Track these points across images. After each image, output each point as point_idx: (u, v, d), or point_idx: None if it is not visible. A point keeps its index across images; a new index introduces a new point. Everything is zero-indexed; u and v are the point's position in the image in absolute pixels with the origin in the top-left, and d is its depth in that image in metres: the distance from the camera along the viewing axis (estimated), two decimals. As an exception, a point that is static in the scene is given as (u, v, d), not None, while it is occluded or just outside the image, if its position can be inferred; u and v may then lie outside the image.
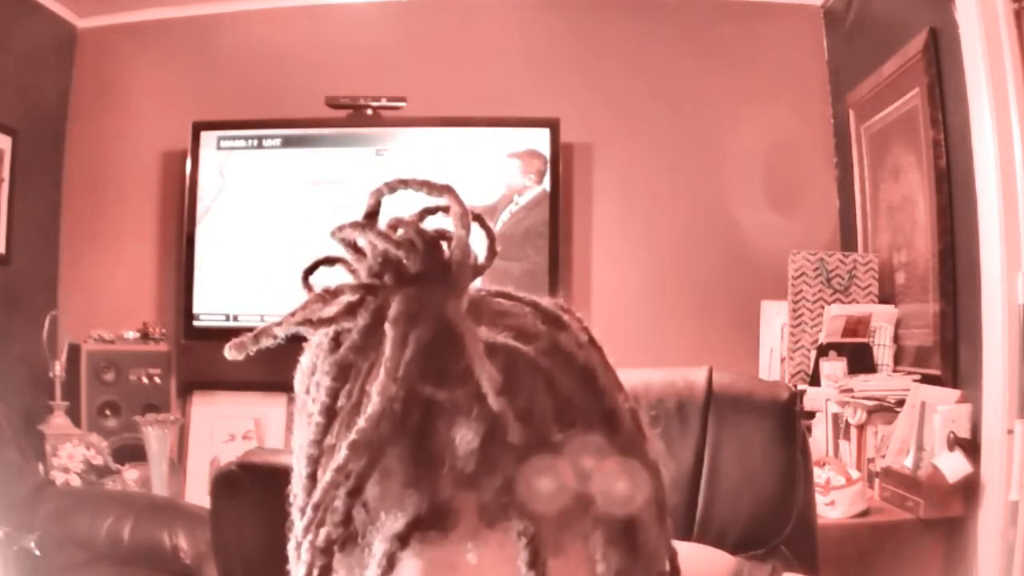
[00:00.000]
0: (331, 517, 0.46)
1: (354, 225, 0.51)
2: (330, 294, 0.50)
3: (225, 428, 3.40)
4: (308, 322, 0.50)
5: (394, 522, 0.46)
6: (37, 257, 3.43)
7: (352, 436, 0.45)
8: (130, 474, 3.15)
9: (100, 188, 3.54)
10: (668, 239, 3.41)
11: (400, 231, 0.50)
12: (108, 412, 3.33)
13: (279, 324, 0.50)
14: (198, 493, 3.22)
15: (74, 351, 3.32)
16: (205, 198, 3.37)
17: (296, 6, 3.53)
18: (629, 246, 3.44)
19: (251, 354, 0.50)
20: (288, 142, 3.39)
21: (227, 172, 3.38)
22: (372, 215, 0.52)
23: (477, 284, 0.54)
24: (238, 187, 3.37)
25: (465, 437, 0.46)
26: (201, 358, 3.42)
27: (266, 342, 0.50)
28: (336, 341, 0.50)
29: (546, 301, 0.54)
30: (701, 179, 3.39)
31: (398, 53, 3.44)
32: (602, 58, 3.44)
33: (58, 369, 3.23)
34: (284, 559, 0.52)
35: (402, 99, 3.34)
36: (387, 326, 0.47)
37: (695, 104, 3.40)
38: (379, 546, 0.46)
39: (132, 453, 3.21)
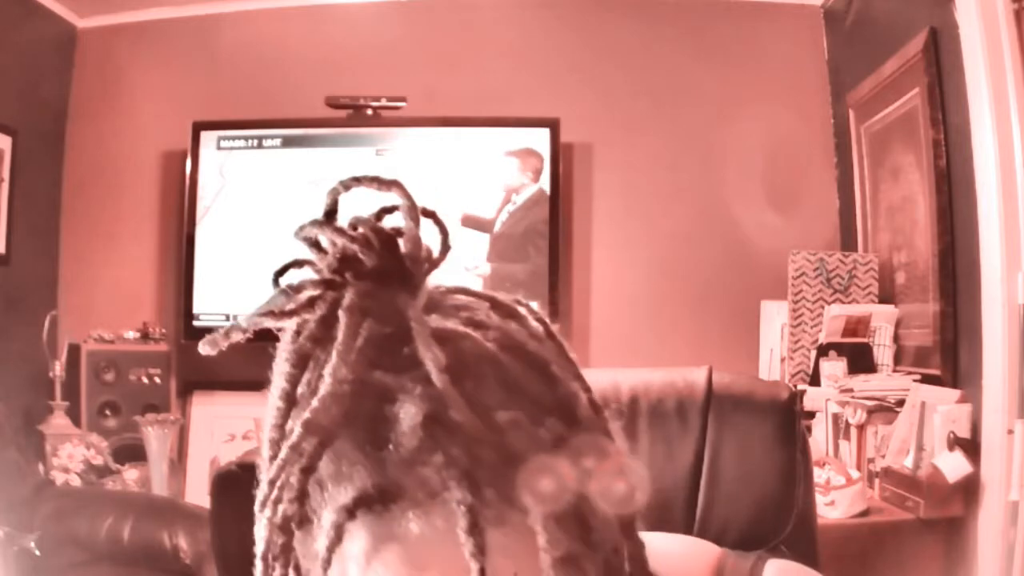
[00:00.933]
0: (286, 494, 0.48)
1: (314, 223, 0.54)
2: (294, 290, 0.53)
3: (225, 428, 3.40)
4: (272, 314, 0.52)
5: (342, 495, 0.49)
6: (37, 257, 3.43)
7: (305, 415, 0.48)
8: (130, 474, 3.15)
9: (100, 188, 3.54)
10: (668, 239, 3.41)
11: (359, 229, 0.53)
12: (108, 412, 3.32)
13: (246, 318, 0.53)
14: (198, 493, 3.22)
15: (74, 351, 3.32)
16: (205, 198, 3.37)
17: (296, 6, 3.53)
18: (629, 246, 3.44)
19: (223, 349, 0.53)
20: (288, 142, 3.39)
21: (227, 172, 3.38)
22: (331, 213, 0.55)
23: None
24: (238, 187, 3.37)
25: (408, 412, 0.48)
26: (201, 358, 3.37)
27: (236, 337, 0.53)
28: (298, 333, 0.53)
29: (504, 296, 0.56)
30: (701, 179, 3.39)
31: (398, 53, 3.44)
32: (602, 58, 3.44)
33: (58, 369, 3.23)
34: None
35: (402, 99, 3.34)
36: (340, 313, 0.50)
37: (695, 104, 3.40)
38: (327, 517, 0.49)
39: (132, 453, 3.21)
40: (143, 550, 2.57)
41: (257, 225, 3.35)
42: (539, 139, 3.29)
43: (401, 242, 0.53)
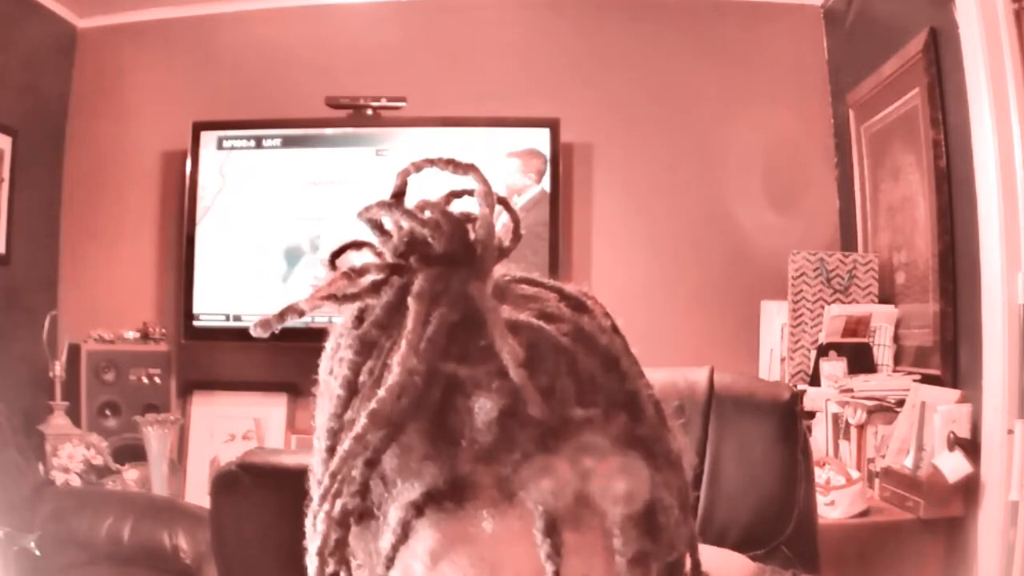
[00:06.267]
0: (348, 488, 0.46)
1: (381, 204, 0.51)
2: (356, 273, 0.50)
3: (225, 428, 3.40)
4: (333, 297, 0.50)
5: (410, 491, 0.46)
6: (37, 257, 3.43)
7: (372, 405, 0.45)
8: (130, 474, 3.15)
9: (100, 188, 3.54)
10: (668, 239, 3.41)
11: (427, 212, 0.50)
12: (108, 412, 3.33)
13: (305, 300, 0.50)
14: (198, 493, 3.22)
15: (74, 351, 3.32)
16: (205, 198, 3.37)
17: (296, 6, 3.53)
18: (629, 246, 3.44)
19: (276, 331, 0.50)
20: (288, 142, 3.38)
21: (227, 172, 3.38)
22: (399, 195, 0.52)
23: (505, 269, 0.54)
24: (238, 187, 3.37)
25: (484, 408, 0.46)
26: (201, 358, 3.42)
27: (291, 319, 0.50)
28: (360, 318, 0.50)
29: (571, 287, 0.55)
30: (701, 179, 3.39)
31: (398, 53, 3.44)
32: (602, 58, 3.44)
33: (58, 369, 3.23)
34: (283, 558, 0.52)
35: (402, 99, 3.33)
36: (410, 301, 0.47)
37: (695, 104, 3.40)
38: (394, 514, 0.46)
39: (132, 453, 3.21)
40: (143, 550, 2.57)
41: (257, 225, 3.35)
42: (539, 139, 3.29)
43: (471, 228, 0.50)
